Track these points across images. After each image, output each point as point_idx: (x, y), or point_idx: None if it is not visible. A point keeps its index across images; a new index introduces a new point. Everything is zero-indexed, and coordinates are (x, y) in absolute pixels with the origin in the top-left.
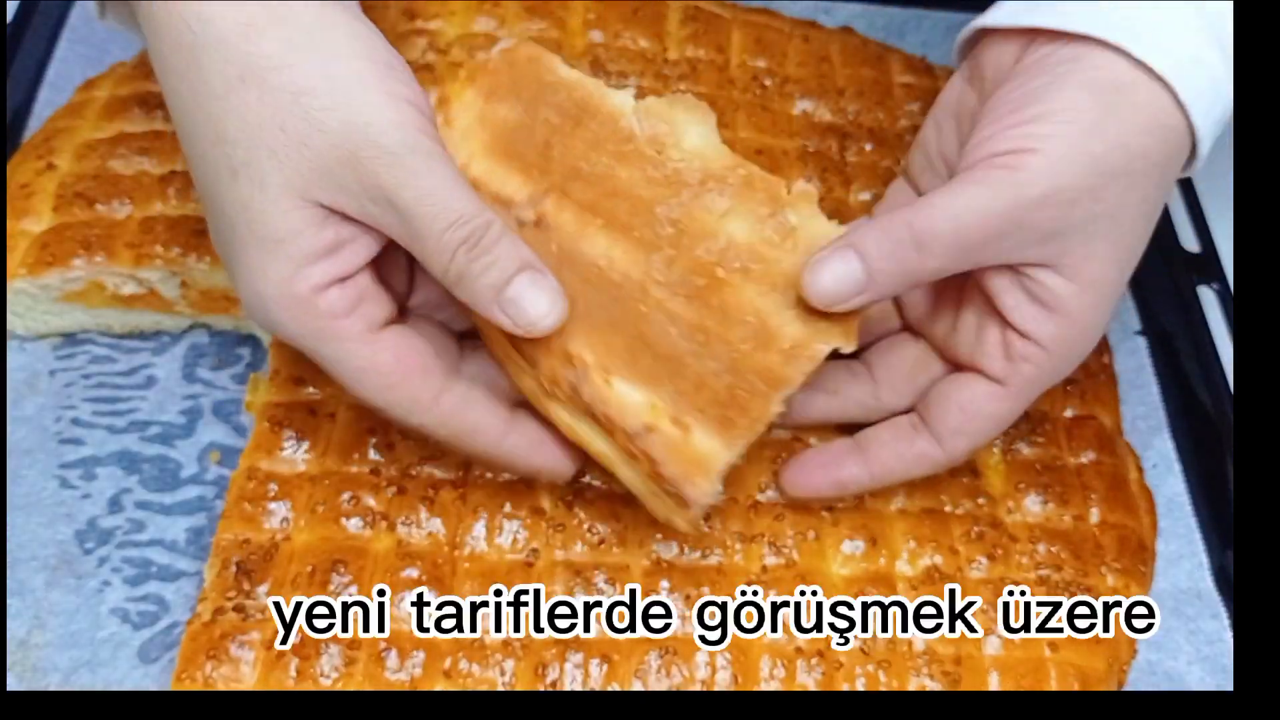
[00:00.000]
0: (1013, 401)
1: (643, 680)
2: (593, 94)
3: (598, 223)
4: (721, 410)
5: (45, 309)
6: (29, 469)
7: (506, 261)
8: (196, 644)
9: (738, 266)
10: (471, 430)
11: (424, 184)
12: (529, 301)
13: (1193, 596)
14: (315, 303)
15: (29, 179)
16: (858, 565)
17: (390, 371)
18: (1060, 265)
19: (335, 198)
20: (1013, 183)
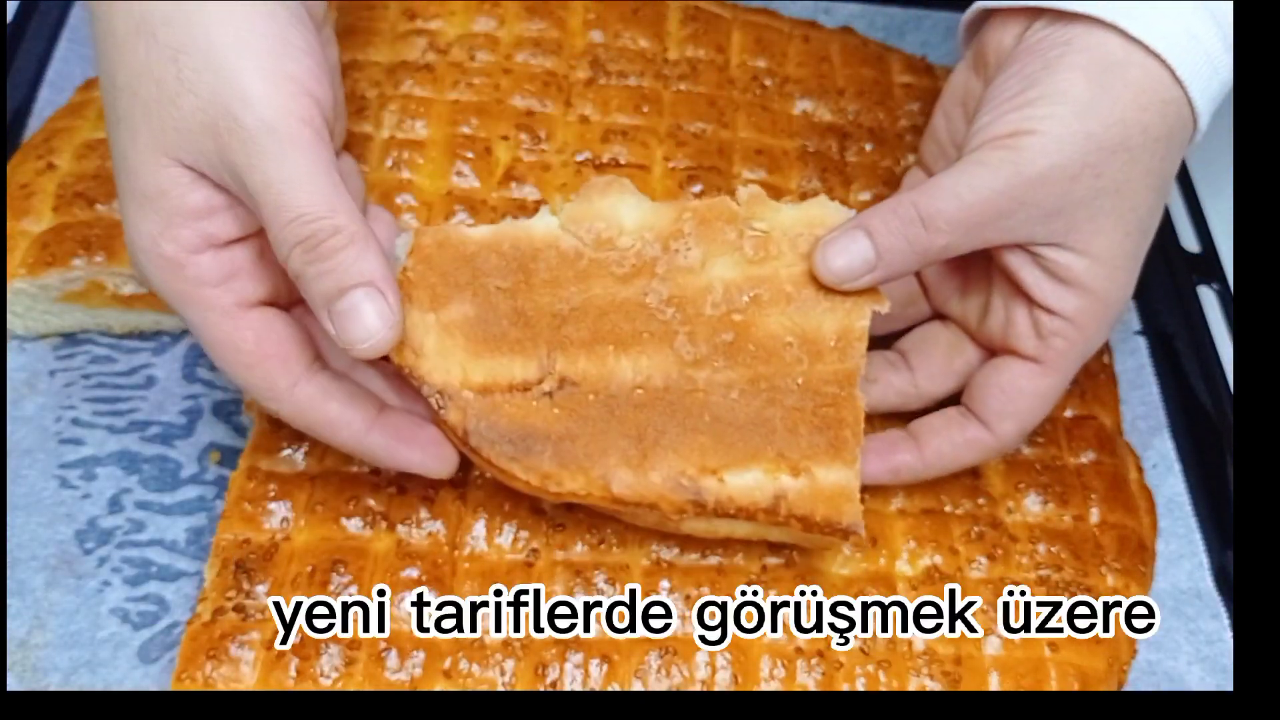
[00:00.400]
0: (1052, 377)
1: (643, 680)
2: (520, 237)
3: (610, 350)
4: (823, 436)
5: (45, 309)
6: (29, 469)
7: (345, 273)
8: (196, 644)
9: (746, 301)
10: (329, 423)
11: (275, 171)
12: (357, 319)
13: (1193, 596)
14: (183, 266)
15: (29, 179)
16: (857, 565)
17: (249, 352)
18: (1068, 242)
19: (197, 162)
20: (1013, 162)
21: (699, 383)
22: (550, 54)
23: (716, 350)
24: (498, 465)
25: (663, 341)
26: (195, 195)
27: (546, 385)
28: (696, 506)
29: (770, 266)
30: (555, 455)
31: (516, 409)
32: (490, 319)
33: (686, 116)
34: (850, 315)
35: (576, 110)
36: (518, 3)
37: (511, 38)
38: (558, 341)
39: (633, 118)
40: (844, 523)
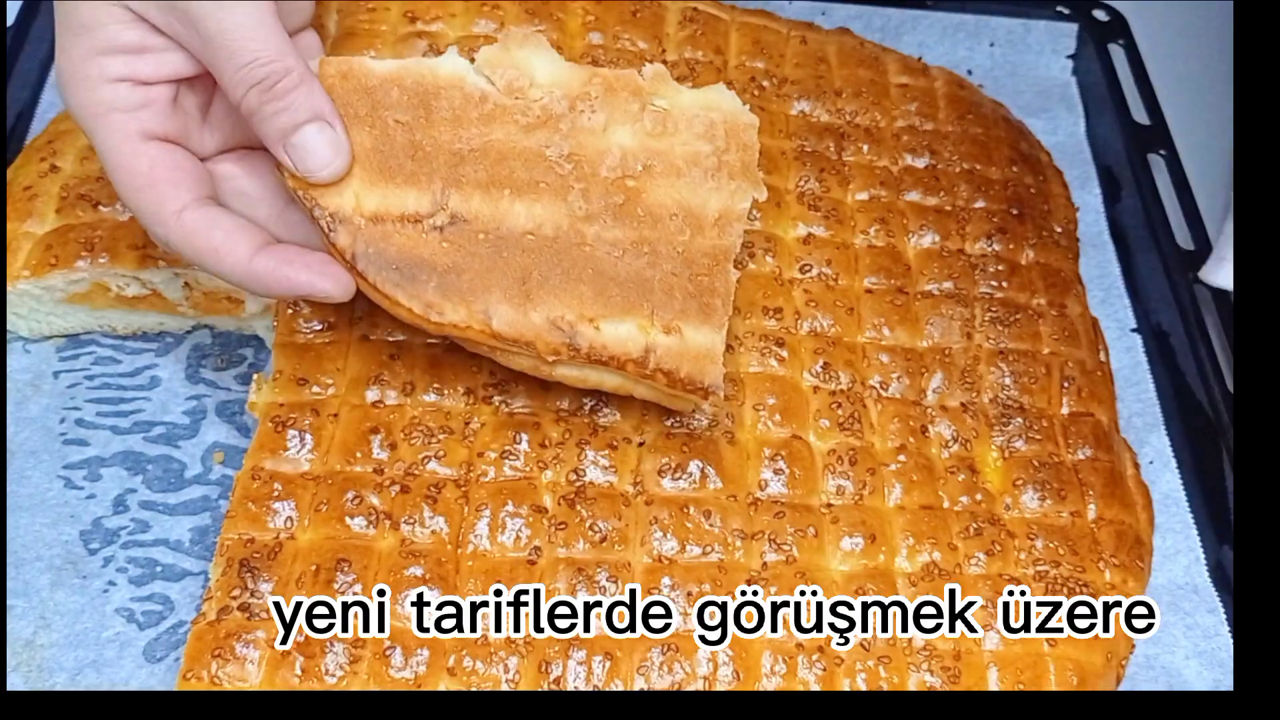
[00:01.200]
0: None
1: (645, 677)
2: (424, 74)
3: (505, 193)
4: (696, 302)
5: (49, 310)
6: (33, 470)
7: (298, 109)
8: (202, 643)
9: (640, 170)
10: (214, 250)
11: (228, 19)
12: (312, 149)
13: (1189, 591)
14: (100, 89)
15: (32, 181)
16: (857, 562)
17: (142, 174)
18: None
19: (144, 7)
20: None
21: (587, 237)
22: None
23: (607, 210)
24: (382, 291)
25: (557, 194)
26: (130, 33)
27: (438, 220)
28: (570, 350)
29: (666, 141)
30: (440, 286)
31: (406, 239)
32: (387, 150)
33: None
34: (733, 198)
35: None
36: (517, 5)
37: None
38: (454, 179)
39: None
40: (705, 382)
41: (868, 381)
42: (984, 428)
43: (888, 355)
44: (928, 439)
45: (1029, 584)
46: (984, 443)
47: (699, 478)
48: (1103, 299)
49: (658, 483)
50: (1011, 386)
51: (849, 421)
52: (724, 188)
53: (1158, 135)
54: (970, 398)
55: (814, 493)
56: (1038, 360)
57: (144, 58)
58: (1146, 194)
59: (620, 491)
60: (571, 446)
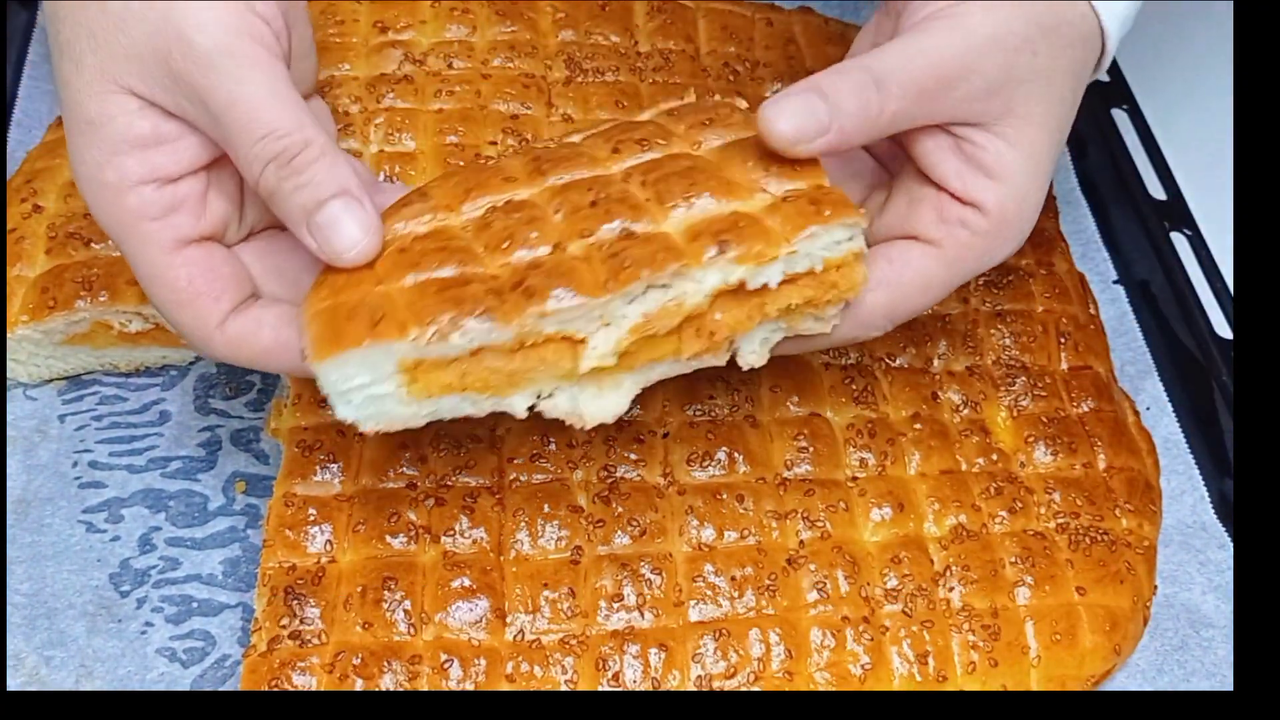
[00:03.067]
0: (945, 267)
1: (701, 664)
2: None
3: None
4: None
5: (48, 354)
6: (52, 517)
7: (321, 185)
8: (257, 675)
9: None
10: (266, 353)
11: (237, 91)
12: (338, 228)
13: (1198, 529)
14: (124, 196)
15: (15, 223)
16: (889, 531)
17: (182, 289)
18: (1002, 127)
19: (151, 90)
20: (960, 28)
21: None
22: (525, 56)
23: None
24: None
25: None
26: (142, 123)
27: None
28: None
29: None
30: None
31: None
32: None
33: None
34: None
35: (559, 110)
36: (487, 7)
37: (485, 43)
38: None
39: (614, 113)
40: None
41: (875, 354)
42: (991, 389)
43: None
44: (939, 405)
45: (1052, 536)
46: (993, 404)
47: (727, 463)
48: (1083, 254)
49: (687, 472)
50: (1012, 346)
51: (863, 394)
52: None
53: (1118, 90)
54: (974, 361)
55: (839, 467)
56: (1033, 319)
57: (161, 150)
58: (1114, 148)
59: (652, 484)
60: (598, 444)
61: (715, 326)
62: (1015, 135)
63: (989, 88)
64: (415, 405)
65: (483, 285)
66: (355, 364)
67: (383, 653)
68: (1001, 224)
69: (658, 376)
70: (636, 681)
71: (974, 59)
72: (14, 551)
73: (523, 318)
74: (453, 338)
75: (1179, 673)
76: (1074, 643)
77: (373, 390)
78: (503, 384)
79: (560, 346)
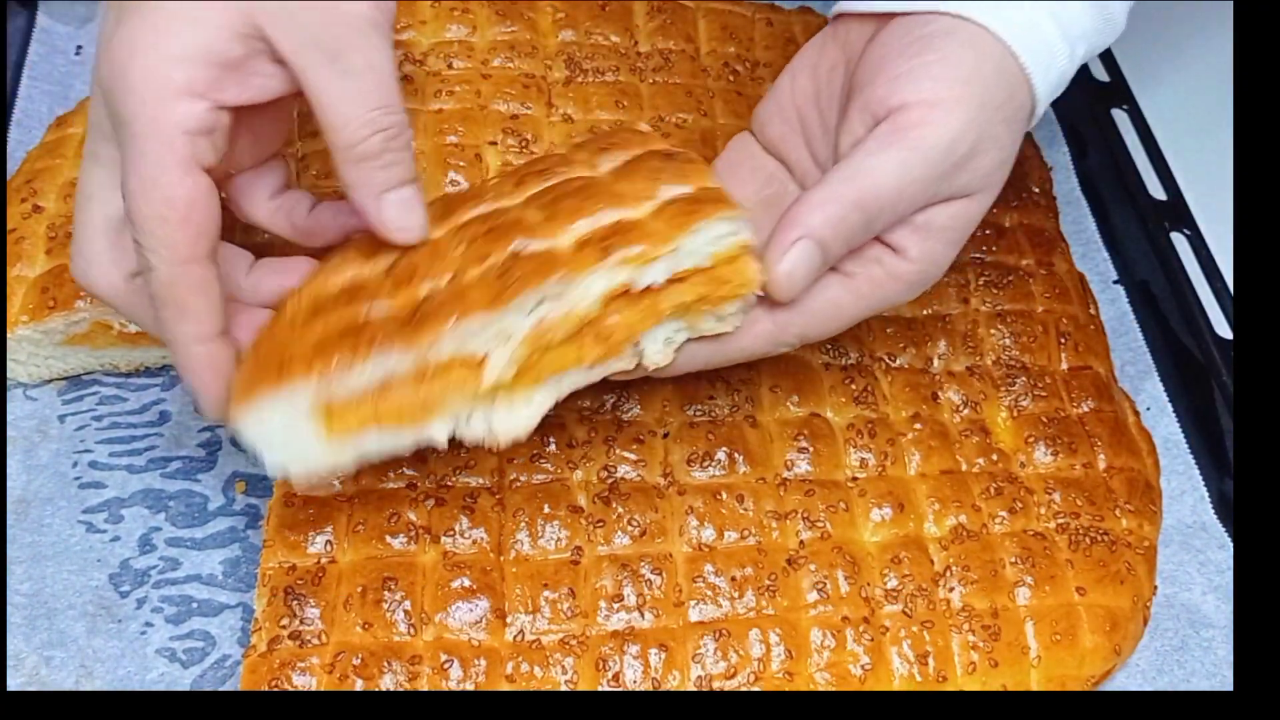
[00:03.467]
0: (856, 300)
1: (701, 664)
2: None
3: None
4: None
5: (48, 354)
6: (52, 517)
7: (408, 167)
8: (257, 675)
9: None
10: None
11: (377, 59)
12: (413, 209)
13: (1198, 529)
14: (173, 103)
15: (15, 223)
16: (889, 531)
17: (178, 207)
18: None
19: (278, 27)
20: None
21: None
22: (525, 56)
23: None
24: None
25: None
26: (237, 47)
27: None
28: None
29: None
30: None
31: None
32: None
33: (666, 108)
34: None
35: (559, 110)
36: (487, 7)
37: (485, 43)
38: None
39: (614, 113)
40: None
41: (875, 354)
42: (991, 389)
43: (891, 327)
44: (939, 405)
45: (1052, 536)
46: (993, 404)
47: (727, 463)
48: (1083, 254)
49: (687, 472)
50: (1012, 347)
51: (863, 395)
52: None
53: (1118, 90)
54: (974, 361)
55: (839, 468)
56: (1033, 319)
57: (234, 76)
58: (1115, 148)
59: (652, 484)
60: (598, 444)
61: (611, 330)
62: (966, 206)
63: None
64: (337, 446)
65: (383, 319)
66: (269, 410)
67: (383, 653)
68: (921, 273)
69: (569, 387)
70: (636, 682)
71: (946, 173)
72: (14, 551)
73: (419, 343)
74: (355, 370)
75: (1179, 673)
76: (1074, 643)
77: (291, 434)
78: (417, 414)
79: (464, 369)
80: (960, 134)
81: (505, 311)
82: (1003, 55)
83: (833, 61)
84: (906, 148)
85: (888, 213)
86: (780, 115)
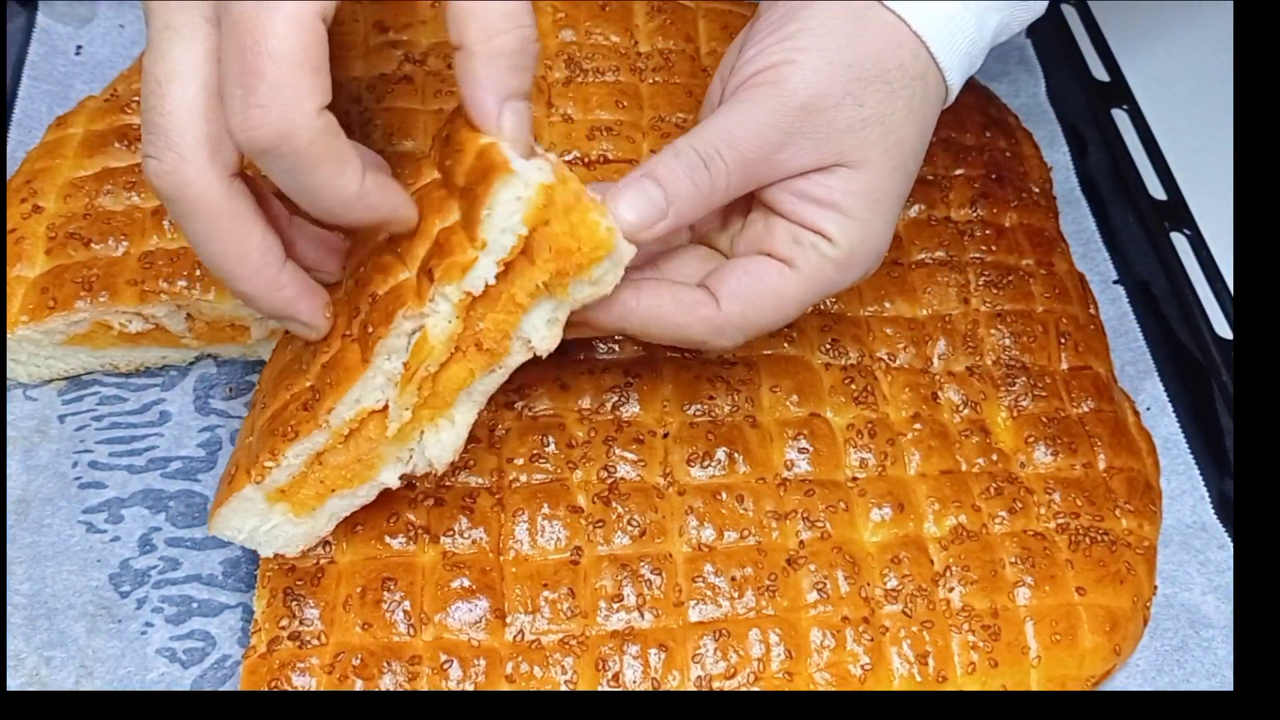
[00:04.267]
0: (796, 284)
1: (700, 664)
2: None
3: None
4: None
5: (48, 354)
6: (52, 517)
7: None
8: (256, 676)
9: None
10: (341, 162)
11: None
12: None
13: (1198, 529)
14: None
15: (15, 223)
16: (889, 531)
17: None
18: (837, 169)
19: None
20: (776, 95)
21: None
22: None
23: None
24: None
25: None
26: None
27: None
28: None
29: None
30: None
31: None
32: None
33: (666, 108)
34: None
35: (559, 110)
36: None
37: None
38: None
39: (614, 113)
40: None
41: (875, 354)
42: (991, 389)
43: (891, 327)
44: (939, 405)
45: (1052, 537)
46: (993, 404)
47: (727, 463)
48: (1083, 254)
49: (687, 472)
50: (1012, 347)
51: (863, 395)
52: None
53: (1118, 90)
54: (974, 361)
55: (839, 468)
56: (1033, 319)
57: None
58: (1114, 148)
59: (652, 484)
60: (598, 444)
61: (482, 336)
62: (850, 175)
63: (813, 146)
64: (308, 520)
65: (296, 403)
66: (237, 515)
67: (382, 653)
68: (849, 252)
69: (482, 395)
70: (636, 682)
71: (793, 124)
72: (14, 551)
73: (318, 422)
74: (283, 462)
75: (1179, 673)
76: (1074, 643)
77: (265, 527)
78: (361, 471)
79: (375, 421)
80: (806, 83)
81: (375, 365)
82: (888, 23)
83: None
84: (747, 99)
85: (728, 161)
86: (722, 93)
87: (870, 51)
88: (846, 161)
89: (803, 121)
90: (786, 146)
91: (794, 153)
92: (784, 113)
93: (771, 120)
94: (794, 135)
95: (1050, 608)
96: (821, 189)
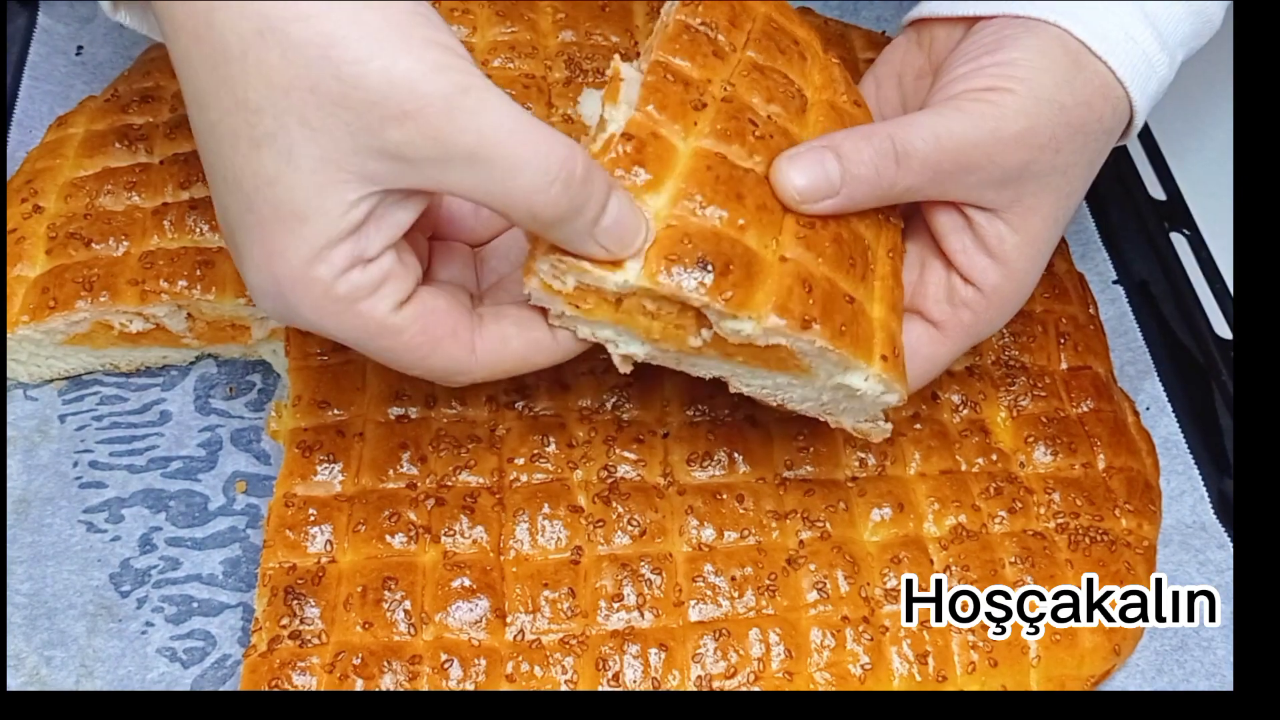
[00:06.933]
0: (947, 346)
1: (700, 664)
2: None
3: None
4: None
5: (49, 354)
6: (52, 517)
7: (601, 187)
8: (257, 675)
9: None
10: (522, 360)
11: (498, 121)
12: (629, 222)
13: (1198, 529)
14: (335, 287)
15: (15, 223)
16: (888, 531)
17: (420, 345)
18: (1009, 215)
19: (379, 166)
20: (994, 116)
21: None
22: (526, 56)
23: None
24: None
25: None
26: (356, 211)
27: None
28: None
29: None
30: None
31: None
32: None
33: None
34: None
35: (559, 110)
36: (487, 7)
37: (485, 43)
38: None
39: None
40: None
41: None
42: (990, 389)
43: None
44: (938, 405)
45: (1052, 536)
46: (992, 404)
47: (727, 463)
48: (1082, 254)
49: (687, 472)
50: (1011, 346)
51: None
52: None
53: None
54: (974, 361)
55: (838, 467)
56: (1033, 319)
57: (363, 234)
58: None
59: (652, 484)
60: (599, 444)
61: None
62: (1019, 223)
63: (1004, 179)
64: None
65: None
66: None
67: (383, 653)
68: (999, 304)
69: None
70: (636, 681)
71: (999, 151)
72: (14, 551)
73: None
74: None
75: (1179, 673)
76: (1074, 643)
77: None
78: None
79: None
80: (1024, 114)
81: None
82: (1098, 72)
83: (918, 69)
84: (964, 110)
85: (923, 164)
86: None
87: (1081, 99)
88: (1022, 207)
89: (1008, 152)
90: (981, 170)
91: (982, 179)
92: (996, 138)
93: (981, 140)
94: (994, 162)
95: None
96: (995, 239)
